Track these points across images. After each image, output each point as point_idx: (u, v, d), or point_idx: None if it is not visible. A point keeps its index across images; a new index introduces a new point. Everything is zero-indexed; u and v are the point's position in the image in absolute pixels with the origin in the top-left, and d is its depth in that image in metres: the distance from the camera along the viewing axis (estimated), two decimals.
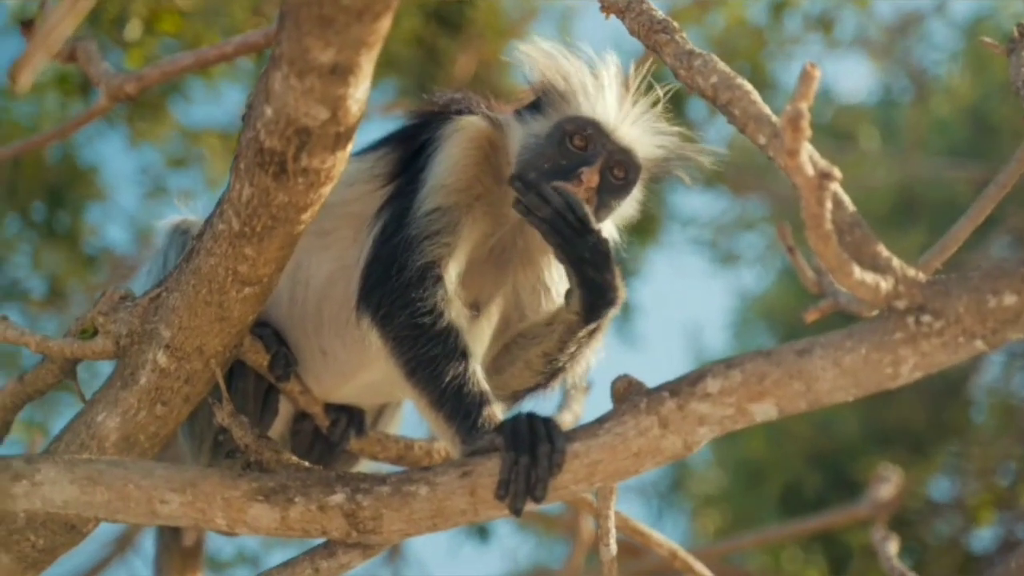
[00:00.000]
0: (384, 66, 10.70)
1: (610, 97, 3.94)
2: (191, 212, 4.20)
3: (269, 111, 3.06)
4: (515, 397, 4.00)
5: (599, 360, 4.04)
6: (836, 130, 13.49)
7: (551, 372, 3.96)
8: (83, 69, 4.72)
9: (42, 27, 2.11)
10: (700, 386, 3.20)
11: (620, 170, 3.90)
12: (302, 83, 2.96)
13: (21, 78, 2.06)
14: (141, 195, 12.06)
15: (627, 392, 3.34)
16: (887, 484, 9.13)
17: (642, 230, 12.83)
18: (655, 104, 3.95)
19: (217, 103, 12.46)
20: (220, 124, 11.40)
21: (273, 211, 3.27)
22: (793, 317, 12.48)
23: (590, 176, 3.78)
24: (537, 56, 4.00)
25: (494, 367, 3.99)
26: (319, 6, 2.79)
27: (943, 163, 12.94)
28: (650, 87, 3.93)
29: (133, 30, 9.76)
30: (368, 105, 3.36)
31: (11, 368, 10.96)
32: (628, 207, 4.05)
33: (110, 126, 10.60)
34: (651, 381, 3.33)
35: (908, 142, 12.89)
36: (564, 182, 3.74)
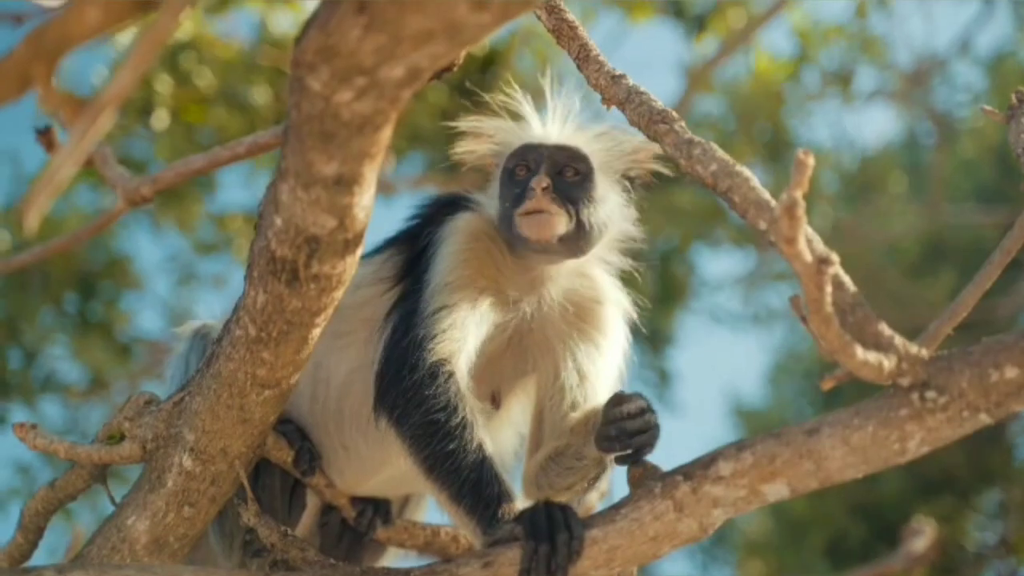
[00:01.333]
0: (410, 140, 10.81)
1: (531, 119, 4.16)
2: (210, 316, 4.29)
3: (279, 221, 3.14)
4: None
5: None
6: (863, 179, 13.52)
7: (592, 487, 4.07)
8: (99, 173, 4.79)
9: (47, 169, 2.18)
10: (713, 469, 3.25)
11: (570, 167, 4.03)
12: (308, 194, 3.04)
13: (28, 219, 2.13)
14: (173, 282, 12.15)
15: (642, 477, 3.40)
16: (921, 537, 9.12)
17: (672, 296, 12.87)
18: (575, 108, 4.15)
19: (245, 186, 12.57)
20: (248, 207, 11.51)
21: (288, 316, 3.34)
22: (828, 368, 12.43)
23: (538, 180, 3.95)
24: (466, 144, 4.15)
25: (536, 484, 4.06)
26: (320, 122, 2.86)
27: (970, 207, 12.95)
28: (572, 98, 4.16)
29: (160, 120, 9.89)
30: (397, 179, 3.51)
31: (55, 463, 11.06)
32: (620, 216, 4.14)
33: (140, 212, 10.74)
34: (692, 446, 3.37)
35: (934, 186, 12.91)
36: (525, 203, 3.93)
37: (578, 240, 3.97)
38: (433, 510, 4.58)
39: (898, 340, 3.12)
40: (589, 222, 3.98)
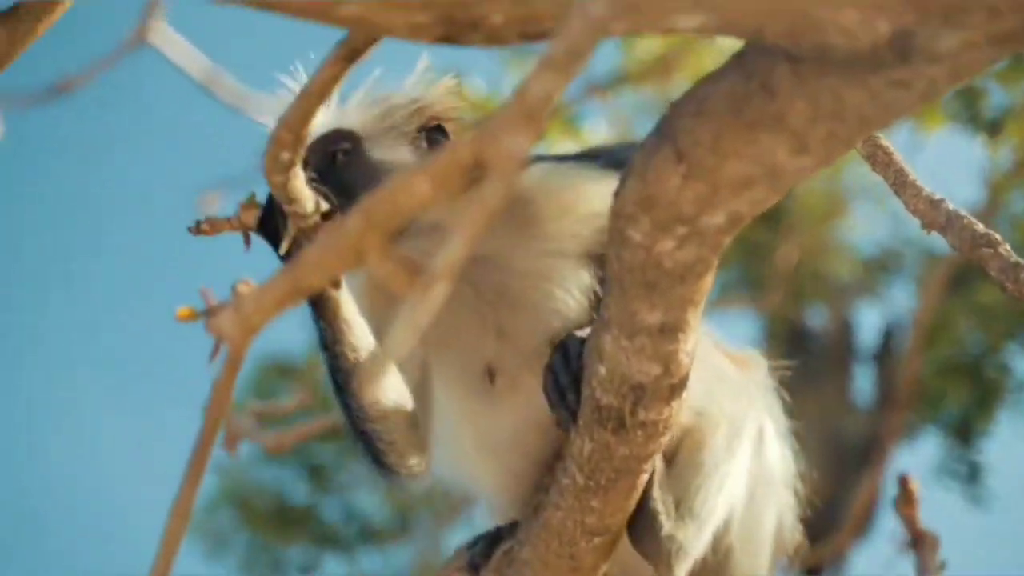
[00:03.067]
0: None
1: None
2: None
3: (603, 370, 3.15)
4: None
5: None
6: None
7: None
8: None
9: (382, 343, 2.21)
10: None
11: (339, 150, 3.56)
12: (632, 343, 3.05)
13: (364, 390, 2.17)
14: None
15: None
16: None
17: (986, 398, 12.60)
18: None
19: None
20: None
21: (615, 464, 3.34)
22: None
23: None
24: None
25: None
26: (642, 272, 2.88)
27: None
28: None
29: None
30: None
31: None
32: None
33: None
34: (1003, 544, 3.30)
35: None
36: None
37: None
38: None
39: None
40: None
